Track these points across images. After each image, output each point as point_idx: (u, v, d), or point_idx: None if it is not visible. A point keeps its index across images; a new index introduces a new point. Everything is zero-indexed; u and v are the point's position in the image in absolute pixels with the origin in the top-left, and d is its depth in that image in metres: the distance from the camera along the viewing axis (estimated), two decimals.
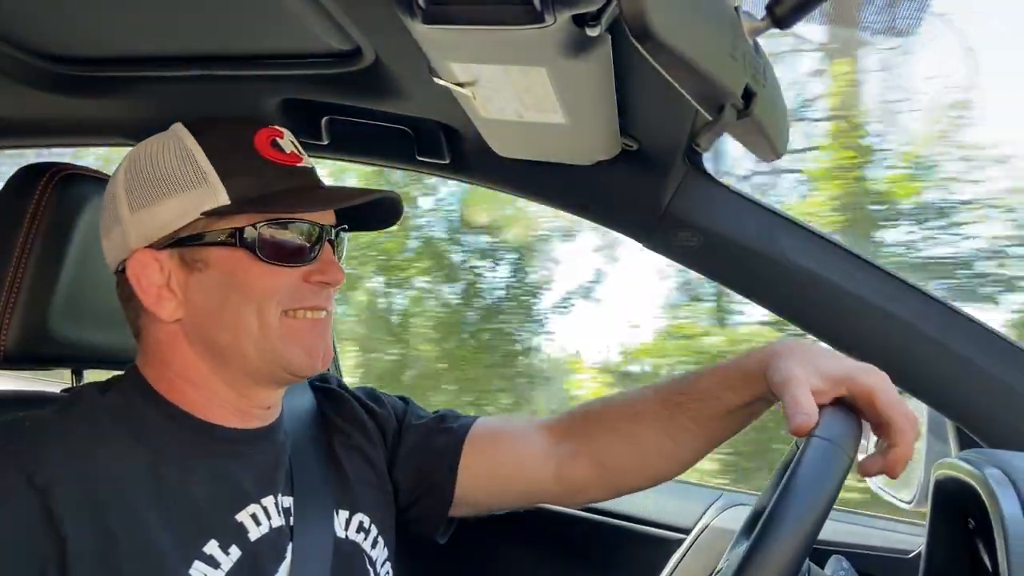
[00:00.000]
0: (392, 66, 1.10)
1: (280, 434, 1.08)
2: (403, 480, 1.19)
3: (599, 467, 1.17)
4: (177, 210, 0.95)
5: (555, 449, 1.18)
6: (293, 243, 0.98)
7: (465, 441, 1.19)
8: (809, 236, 1.26)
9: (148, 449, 0.94)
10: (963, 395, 1.21)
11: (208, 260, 0.96)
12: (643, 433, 1.13)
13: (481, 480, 1.19)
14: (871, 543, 1.56)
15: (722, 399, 1.07)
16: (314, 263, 0.99)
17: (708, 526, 1.66)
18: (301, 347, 0.99)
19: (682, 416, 1.10)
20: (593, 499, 1.22)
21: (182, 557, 0.89)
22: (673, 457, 1.14)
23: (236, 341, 0.96)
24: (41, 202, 1.14)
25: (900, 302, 1.22)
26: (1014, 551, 0.81)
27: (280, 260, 0.96)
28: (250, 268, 0.95)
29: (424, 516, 1.21)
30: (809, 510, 0.76)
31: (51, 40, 1.17)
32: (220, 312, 0.96)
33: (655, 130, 1.17)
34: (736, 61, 0.70)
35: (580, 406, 1.24)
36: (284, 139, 1.02)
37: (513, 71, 0.91)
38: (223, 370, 0.99)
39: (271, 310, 0.96)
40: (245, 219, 0.96)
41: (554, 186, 1.35)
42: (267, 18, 1.02)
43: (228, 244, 0.95)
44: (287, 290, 0.97)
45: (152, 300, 0.96)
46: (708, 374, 1.10)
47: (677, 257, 1.32)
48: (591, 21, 0.78)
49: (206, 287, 0.96)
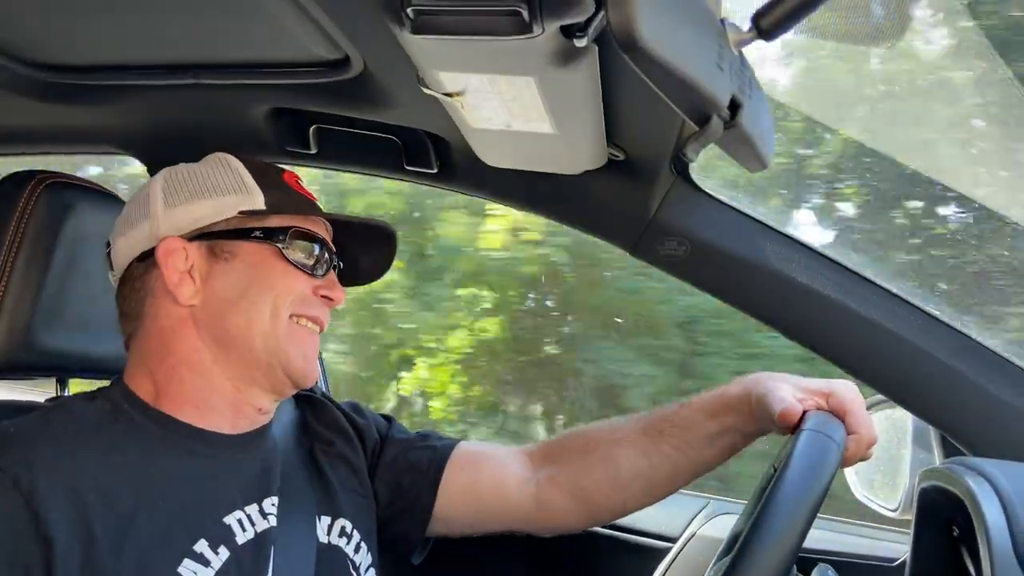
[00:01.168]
0: (381, 75, 1.10)
1: (268, 440, 1.09)
2: (383, 493, 1.20)
3: (577, 491, 1.19)
4: (214, 208, 1.05)
5: (534, 473, 1.22)
6: (310, 256, 1.08)
7: (448, 460, 1.21)
8: (795, 246, 1.27)
9: (135, 453, 0.95)
10: (947, 404, 1.22)
11: (236, 252, 1.05)
12: (622, 457, 1.18)
13: (461, 499, 1.21)
14: (856, 551, 1.57)
15: (702, 426, 1.14)
16: (323, 279, 1.10)
17: (695, 535, 1.66)
18: (301, 351, 1.06)
19: (662, 443, 1.16)
20: (569, 526, 1.24)
21: (172, 556, 0.90)
22: (650, 482, 1.18)
23: (247, 329, 1.03)
24: (26, 210, 1.14)
25: (885, 312, 1.23)
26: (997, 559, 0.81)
27: (300, 265, 1.06)
28: (274, 265, 1.05)
29: (401, 533, 1.22)
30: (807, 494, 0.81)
31: (40, 48, 1.17)
32: (238, 300, 1.03)
33: (642, 140, 1.18)
34: (722, 72, 0.70)
35: (564, 433, 1.28)
36: (303, 183, 1.15)
37: (501, 81, 0.91)
38: (225, 359, 1.03)
39: (283, 309, 1.05)
40: (277, 221, 1.07)
41: (541, 195, 1.35)
42: (256, 27, 1.02)
43: (259, 240, 1.05)
44: (298, 295, 1.06)
45: (174, 282, 1.03)
46: (690, 403, 1.18)
47: (664, 266, 1.33)
48: (579, 32, 0.78)
49: (229, 276, 1.04)
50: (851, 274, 1.25)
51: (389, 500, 1.20)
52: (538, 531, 1.25)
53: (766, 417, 1.07)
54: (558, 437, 1.28)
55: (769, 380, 1.10)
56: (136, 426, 0.98)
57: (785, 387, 1.06)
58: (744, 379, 1.14)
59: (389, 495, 1.20)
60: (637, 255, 1.33)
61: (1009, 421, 1.19)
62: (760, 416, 1.09)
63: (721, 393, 1.15)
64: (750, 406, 1.11)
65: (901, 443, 1.47)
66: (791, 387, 1.06)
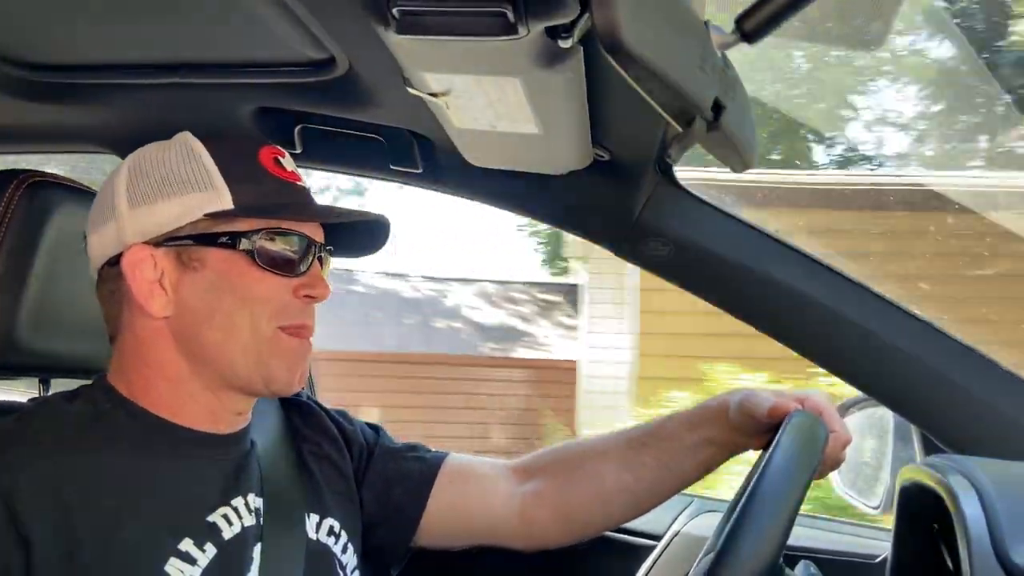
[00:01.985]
0: (366, 75, 1.10)
1: (248, 441, 1.08)
2: (369, 501, 1.20)
3: (561, 505, 1.21)
4: (179, 209, 0.97)
5: (520, 488, 1.22)
6: (287, 254, 1.00)
7: (438, 473, 1.21)
8: (779, 247, 1.28)
9: (116, 452, 0.94)
10: (928, 402, 1.24)
11: (205, 260, 0.98)
12: (605, 471, 1.19)
13: (447, 513, 1.21)
14: (838, 548, 1.58)
15: (684, 438, 1.16)
16: (304, 277, 1.02)
17: (679, 533, 1.67)
18: (285, 363, 1.01)
19: (645, 455, 1.18)
20: (553, 541, 1.25)
21: (157, 555, 0.90)
22: (634, 496, 1.19)
23: (225, 343, 0.98)
24: (8, 209, 1.13)
25: (867, 311, 1.25)
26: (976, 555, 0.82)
27: (274, 268, 0.99)
28: (245, 272, 0.98)
29: (384, 542, 1.21)
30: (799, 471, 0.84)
31: (25, 47, 1.16)
32: (212, 313, 0.98)
33: (626, 141, 1.19)
34: (706, 74, 0.71)
35: (548, 448, 1.29)
36: (285, 159, 1.06)
37: (486, 81, 0.91)
38: (203, 370, 1.00)
39: (263, 321, 0.98)
40: (246, 224, 0.98)
41: (526, 196, 1.35)
42: (241, 27, 1.02)
43: (227, 247, 0.97)
44: (278, 302, 0.99)
45: (144, 295, 0.97)
46: (672, 417, 1.20)
47: (648, 266, 1.34)
48: (564, 33, 0.79)
49: (199, 287, 0.98)
50: (833, 274, 1.27)
51: (375, 508, 1.20)
52: (522, 546, 1.25)
53: (745, 425, 1.10)
54: (542, 452, 1.28)
55: (744, 390, 1.14)
56: (117, 425, 0.97)
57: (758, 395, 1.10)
58: (724, 393, 1.17)
59: (375, 503, 1.20)
60: (622, 255, 1.34)
61: (989, 419, 1.20)
62: (738, 425, 1.12)
63: (701, 406, 1.18)
64: (727, 416, 1.13)
65: (882, 442, 1.48)
66: (767, 394, 1.09)
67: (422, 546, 1.23)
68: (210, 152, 1.00)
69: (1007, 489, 0.89)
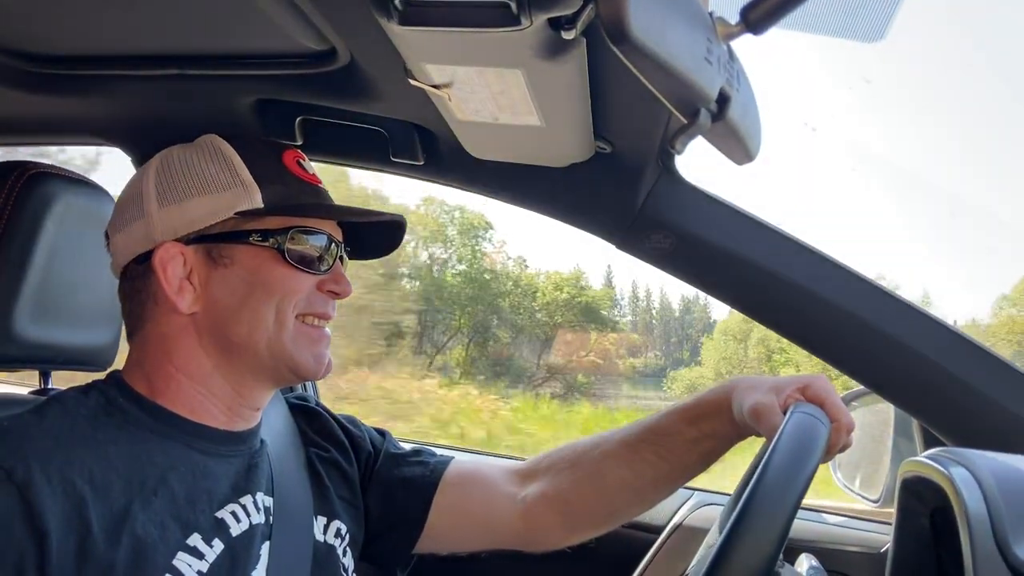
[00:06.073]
0: (367, 67, 1.10)
1: (258, 439, 1.09)
2: (374, 506, 1.21)
3: (564, 506, 1.21)
4: (209, 208, 1.01)
5: (522, 491, 1.23)
6: (314, 252, 1.05)
7: (442, 478, 1.22)
8: (781, 239, 1.28)
9: (129, 446, 0.94)
10: (929, 395, 1.24)
11: (235, 256, 1.02)
12: (607, 468, 1.19)
13: (451, 518, 1.21)
14: (840, 541, 1.59)
15: (683, 433, 1.16)
16: (328, 274, 1.07)
17: (680, 525, 1.67)
18: (310, 352, 1.04)
19: (645, 451, 1.17)
20: (557, 542, 1.25)
21: (166, 549, 0.90)
22: (636, 492, 1.19)
23: (251, 336, 1.01)
24: (9, 201, 1.13)
25: (868, 304, 1.24)
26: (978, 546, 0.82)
27: (302, 265, 1.03)
28: (274, 268, 1.02)
29: (389, 547, 1.22)
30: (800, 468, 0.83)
31: (25, 38, 1.15)
32: (240, 307, 1.01)
33: (629, 133, 1.18)
34: (711, 65, 0.71)
35: (549, 450, 1.29)
36: (306, 161, 1.10)
37: (489, 73, 0.91)
38: (227, 365, 1.02)
39: (288, 312, 1.02)
40: (276, 222, 1.03)
41: (528, 188, 1.35)
42: (242, 18, 1.01)
43: (258, 244, 1.02)
44: (303, 297, 1.04)
45: (174, 290, 1.00)
46: (670, 412, 1.19)
47: (650, 259, 1.33)
48: (567, 24, 0.78)
49: (229, 282, 1.01)
50: (835, 267, 1.26)
51: (380, 513, 1.21)
52: (526, 548, 1.25)
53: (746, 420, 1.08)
54: (544, 454, 1.28)
55: (743, 382, 1.11)
56: (130, 420, 0.97)
57: (759, 392, 1.06)
58: (721, 384, 1.15)
59: (380, 508, 1.21)
60: (624, 248, 1.34)
61: (989, 411, 1.20)
62: (741, 420, 1.10)
63: (698, 399, 1.17)
64: (728, 409, 1.11)
65: (883, 435, 1.49)
66: (766, 390, 1.06)
67: (429, 551, 1.24)
68: (239, 151, 1.04)
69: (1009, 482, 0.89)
